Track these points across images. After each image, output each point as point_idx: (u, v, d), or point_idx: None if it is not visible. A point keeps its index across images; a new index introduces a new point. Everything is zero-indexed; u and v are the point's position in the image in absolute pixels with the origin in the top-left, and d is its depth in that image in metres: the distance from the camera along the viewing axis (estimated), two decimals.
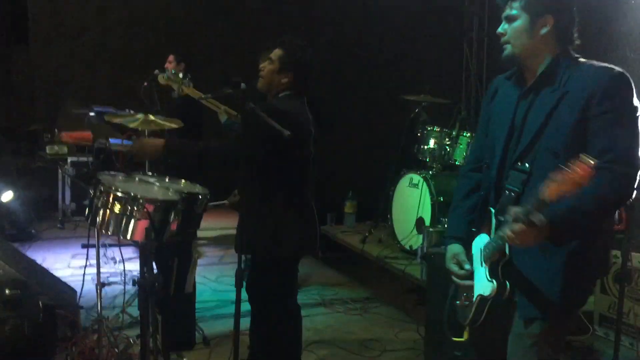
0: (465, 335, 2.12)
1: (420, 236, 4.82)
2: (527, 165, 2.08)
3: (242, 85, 2.70)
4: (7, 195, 5.88)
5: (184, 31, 7.65)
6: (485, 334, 2.27)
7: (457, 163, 5.09)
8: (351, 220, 6.06)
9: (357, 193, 6.07)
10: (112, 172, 3.20)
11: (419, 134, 5.40)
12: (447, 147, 5.16)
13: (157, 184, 3.19)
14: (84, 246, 5.94)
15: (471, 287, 2.14)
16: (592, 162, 1.69)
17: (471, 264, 2.18)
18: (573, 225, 1.94)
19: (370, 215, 6.03)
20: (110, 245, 4.86)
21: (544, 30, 2.09)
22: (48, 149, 6.40)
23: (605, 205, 1.97)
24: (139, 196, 2.76)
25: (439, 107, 5.87)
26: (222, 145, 3.04)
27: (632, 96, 2.03)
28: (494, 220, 2.12)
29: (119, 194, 2.78)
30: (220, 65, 7.21)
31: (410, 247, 5.00)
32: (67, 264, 5.47)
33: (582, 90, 2.01)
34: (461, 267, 2.21)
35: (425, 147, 5.29)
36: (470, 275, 2.18)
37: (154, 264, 2.94)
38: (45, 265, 4.58)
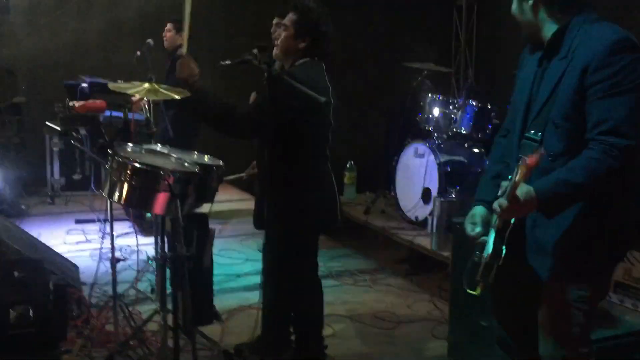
0: (478, 291, 2.16)
1: (427, 207, 4.77)
2: (539, 134, 2.09)
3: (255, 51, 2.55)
4: None
5: None
6: (504, 299, 2.32)
7: (463, 132, 5.01)
8: (351, 192, 5.97)
9: (357, 164, 5.97)
10: (125, 144, 3.07)
11: (422, 103, 5.31)
12: (452, 116, 5.08)
13: (173, 155, 3.08)
14: (77, 221, 5.78)
15: (485, 246, 2.18)
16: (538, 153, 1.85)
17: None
18: (562, 198, 1.96)
19: (370, 186, 5.95)
20: (107, 220, 4.70)
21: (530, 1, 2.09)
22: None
23: (596, 178, 1.94)
24: (159, 168, 2.65)
25: (436, 75, 5.77)
26: (250, 112, 2.88)
27: (637, 62, 1.96)
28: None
29: (138, 166, 2.67)
30: (224, 36, 6.98)
31: (416, 217, 4.94)
32: (63, 240, 5.30)
33: (581, 59, 1.99)
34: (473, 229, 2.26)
35: (430, 115, 5.20)
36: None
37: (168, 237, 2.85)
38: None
